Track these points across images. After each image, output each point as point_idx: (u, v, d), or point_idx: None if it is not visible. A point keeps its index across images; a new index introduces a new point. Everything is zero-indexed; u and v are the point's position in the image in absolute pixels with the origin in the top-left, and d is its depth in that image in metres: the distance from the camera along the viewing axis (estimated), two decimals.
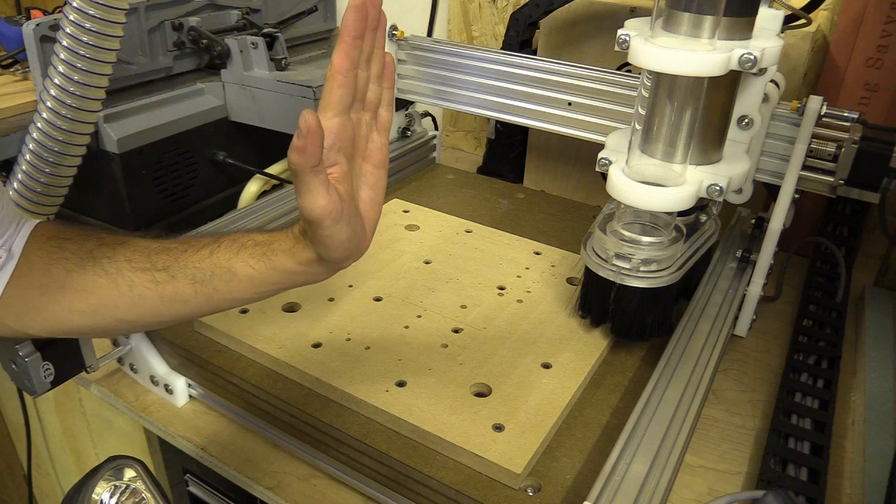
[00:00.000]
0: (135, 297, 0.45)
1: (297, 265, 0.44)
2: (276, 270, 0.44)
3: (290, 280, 0.45)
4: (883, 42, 0.78)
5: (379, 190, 0.47)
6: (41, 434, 1.06)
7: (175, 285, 0.44)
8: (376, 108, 0.46)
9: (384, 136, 0.47)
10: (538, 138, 1.02)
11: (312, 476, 0.58)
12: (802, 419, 0.60)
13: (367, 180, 0.46)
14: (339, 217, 0.40)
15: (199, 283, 0.44)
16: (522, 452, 0.52)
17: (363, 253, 0.46)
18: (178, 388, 0.64)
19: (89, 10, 0.68)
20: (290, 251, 0.44)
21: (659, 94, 0.56)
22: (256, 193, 0.94)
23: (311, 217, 0.39)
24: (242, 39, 0.92)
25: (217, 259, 0.44)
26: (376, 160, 0.46)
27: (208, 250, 0.45)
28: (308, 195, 0.39)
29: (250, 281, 0.44)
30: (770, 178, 0.69)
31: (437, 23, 1.14)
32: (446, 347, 0.63)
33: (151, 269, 0.45)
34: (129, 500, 0.47)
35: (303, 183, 0.38)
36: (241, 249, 0.44)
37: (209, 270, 0.44)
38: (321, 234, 0.41)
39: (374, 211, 0.46)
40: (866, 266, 0.87)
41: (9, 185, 0.76)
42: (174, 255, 0.45)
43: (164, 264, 0.45)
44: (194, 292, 0.44)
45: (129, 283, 0.45)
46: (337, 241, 0.41)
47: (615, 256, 0.60)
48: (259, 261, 0.44)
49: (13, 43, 1.04)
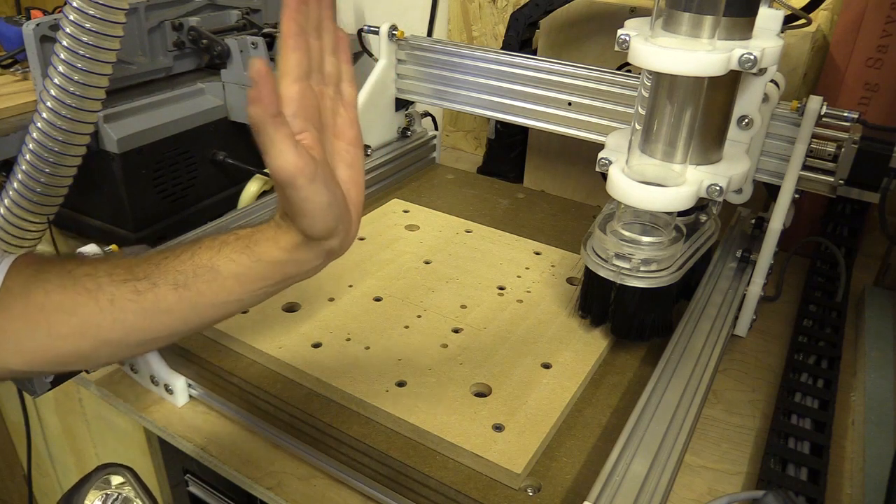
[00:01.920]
0: (116, 311, 0.42)
1: (282, 252, 0.42)
2: (261, 262, 0.42)
3: (278, 272, 0.43)
4: (883, 42, 0.78)
5: (357, 168, 0.45)
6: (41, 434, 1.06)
7: (157, 293, 0.42)
8: (337, 83, 0.45)
9: (351, 111, 0.45)
10: (538, 138, 1.02)
11: (312, 476, 0.58)
12: (802, 419, 0.60)
13: (343, 158, 0.44)
14: (313, 175, 0.38)
15: (182, 288, 0.42)
16: (522, 452, 0.52)
17: (352, 236, 0.44)
18: (178, 388, 0.64)
19: (89, 10, 0.68)
20: (272, 238, 0.42)
21: (659, 94, 0.56)
22: (256, 193, 0.94)
23: (283, 176, 0.37)
24: (242, 39, 0.92)
25: (199, 259, 0.42)
26: (349, 137, 0.45)
27: (189, 253, 0.43)
28: (275, 152, 0.37)
29: (236, 278, 0.42)
30: (770, 178, 0.69)
31: (437, 23, 1.14)
32: (446, 347, 0.63)
33: (132, 280, 0.42)
34: None
35: (268, 139, 0.36)
36: (223, 246, 0.42)
37: (191, 272, 0.42)
38: (298, 197, 0.38)
39: (355, 190, 0.45)
40: (866, 266, 0.87)
41: (9, 185, 0.76)
42: (155, 262, 0.43)
43: (144, 273, 0.43)
44: (178, 298, 0.42)
45: (110, 297, 0.42)
46: (317, 206, 0.39)
47: (615, 256, 0.60)
48: (242, 254, 0.42)
49: (13, 43, 1.04)
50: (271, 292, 0.44)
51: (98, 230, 0.89)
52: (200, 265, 0.42)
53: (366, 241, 0.79)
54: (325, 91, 0.44)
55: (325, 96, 0.44)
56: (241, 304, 0.44)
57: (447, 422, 0.54)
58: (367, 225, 0.83)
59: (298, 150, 0.37)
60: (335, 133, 0.45)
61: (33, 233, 0.78)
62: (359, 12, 1.22)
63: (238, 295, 0.43)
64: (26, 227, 0.77)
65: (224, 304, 0.43)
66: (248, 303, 0.44)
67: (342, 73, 0.45)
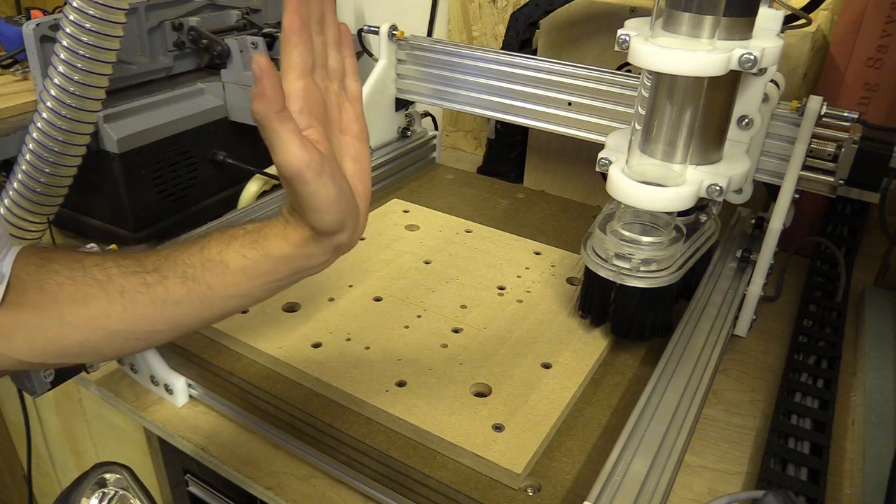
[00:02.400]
0: (126, 302, 0.42)
1: (291, 247, 0.42)
2: (270, 257, 0.42)
3: (286, 267, 0.43)
4: (883, 42, 0.78)
5: (363, 162, 0.45)
6: (41, 434, 1.06)
7: (166, 285, 0.42)
8: (341, 78, 0.45)
9: (357, 106, 0.45)
10: (538, 138, 1.02)
11: (312, 476, 0.58)
12: (802, 419, 0.60)
13: (349, 152, 0.45)
14: (320, 169, 0.38)
15: (192, 281, 0.42)
16: (522, 452, 0.52)
17: (360, 229, 0.44)
18: (178, 388, 0.64)
19: (89, 10, 0.68)
20: (281, 234, 0.42)
21: (659, 94, 0.56)
22: (256, 193, 0.94)
23: (290, 171, 0.37)
24: (242, 39, 0.92)
25: (208, 253, 0.42)
26: (355, 131, 0.45)
27: (198, 246, 0.43)
28: (281, 147, 0.37)
29: (244, 272, 0.42)
30: (770, 178, 0.69)
31: (437, 23, 1.14)
32: (446, 347, 0.63)
33: (142, 272, 0.43)
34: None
35: (273, 134, 0.36)
36: (232, 240, 0.43)
37: (200, 265, 0.42)
38: (306, 192, 0.38)
39: (362, 183, 0.45)
40: (866, 266, 0.87)
41: (9, 185, 0.76)
42: (164, 254, 0.43)
43: (154, 265, 0.43)
44: (187, 291, 0.42)
45: (120, 288, 0.42)
46: (325, 200, 0.39)
47: (615, 256, 0.60)
48: (251, 249, 0.42)
49: (13, 43, 1.04)
50: (281, 286, 0.44)
51: (98, 230, 0.89)
52: (209, 259, 0.42)
53: (366, 241, 0.79)
54: (330, 86, 0.44)
55: (330, 91, 0.44)
56: (250, 298, 0.44)
57: (447, 422, 0.54)
58: (367, 225, 0.83)
59: (304, 144, 0.37)
60: (341, 128, 0.45)
61: (33, 233, 0.79)
62: (359, 12, 1.22)
63: (246, 289, 0.43)
64: (26, 227, 0.77)
65: (233, 298, 0.44)
66: (257, 297, 0.44)
67: (346, 68, 0.45)
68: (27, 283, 0.44)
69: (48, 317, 0.43)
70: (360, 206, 0.44)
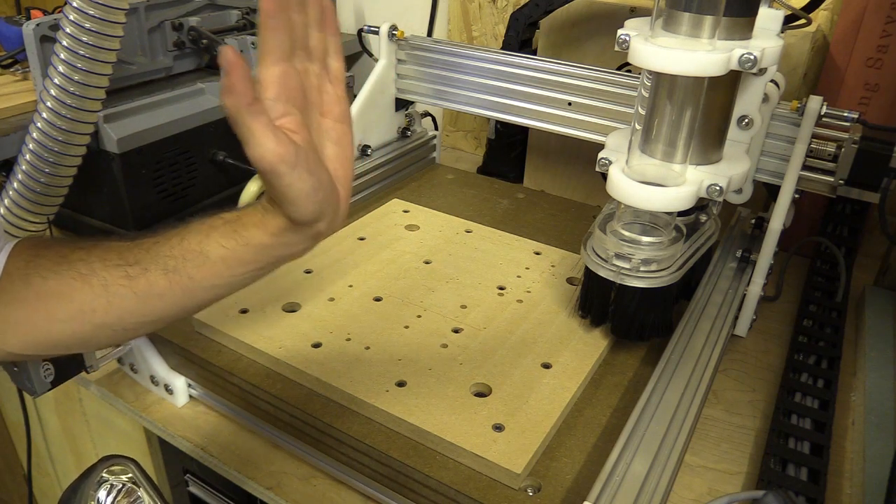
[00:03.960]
0: (110, 296, 0.43)
1: (269, 236, 0.41)
2: (249, 246, 0.42)
3: (266, 256, 0.43)
4: (883, 42, 0.78)
5: (345, 146, 0.44)
6: (41, 434, 1.06)
7: (148, 278, 0.42)
8: (323, 58, 0.44)
9: (339, 87, 0.44)
10: (538, 138, 1.02)
11: (312, 476, 0.58)
12: (802, 419, 0.60)
13: (329, 136, 0.44)
14: (294, 162, 0.37)
15: (173, 273, 0.42)
16: (522, 452, 0.52)
17: (341, 216, 0.44)
18: (178, 388, 0.64)
19: (89, 10, 0.68)
20: (259, 223, 0.41)
21: (659, 94, 0.56)
22: (256, 193, 0.93)
23: (264, 165, 0.37)
24: (242, 39, 0.92)
25: (188, 244, 0.42)
26: (336, 114, 0.44)
27: (178, 238, 0.43)
28: (253, 141, 0.36)
29: (224, 262, 0.42)
30: (770, 178, 0.69)
31: (437, 23, 1.14)
32: (446, 347, 0.63)
33: (124, 265, 0.43)
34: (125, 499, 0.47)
35: (245, 129, 0.36)
36: (211, 230, 0.42)
37: (181, 257, 0.42)
38: (281, 185, 0.38)
39: (343, 168, 0.44)
40: (866, 266, 0.87)
41: (9, 185, 0.76)
42: (145, 247, 0.43)
43: (135, 258, 0.43)
44: (169, 283, 0.42)
45: (103, 282, 0.43)
46: (301, 193, 0.39)
47: (615, 256, 0.60)
48: (230, 239, 0.42)
49: (13, 43, 1.04)
50: (263, 273, 0.44)
51: (98, 230, 0.89)
52: (189, 250, 0.42)
53: (366, 241, 0.79)
54: (310, 68, 0.43)
55: (310, 73, 0.43)
56: (232, 286, 0.44)
57: (447, 422, 0.54)
58: (367, 225, 0.83)
59: (278, 137, 0.37)
60: (321, 111, 0.44)
61: (33, 233, 0.79)
62: (359, 12, 1.22)
63: (227, 278, 0.43)
64: (26, 227, 0.77)
65: (215, 287, 0.43)
66: (239, 284, 0.44)
67: (328, 47, 0.44)
68: (16, 277, 0.44)
69: (35, 311, 0.44)
70: (341, 192, 0.43)
